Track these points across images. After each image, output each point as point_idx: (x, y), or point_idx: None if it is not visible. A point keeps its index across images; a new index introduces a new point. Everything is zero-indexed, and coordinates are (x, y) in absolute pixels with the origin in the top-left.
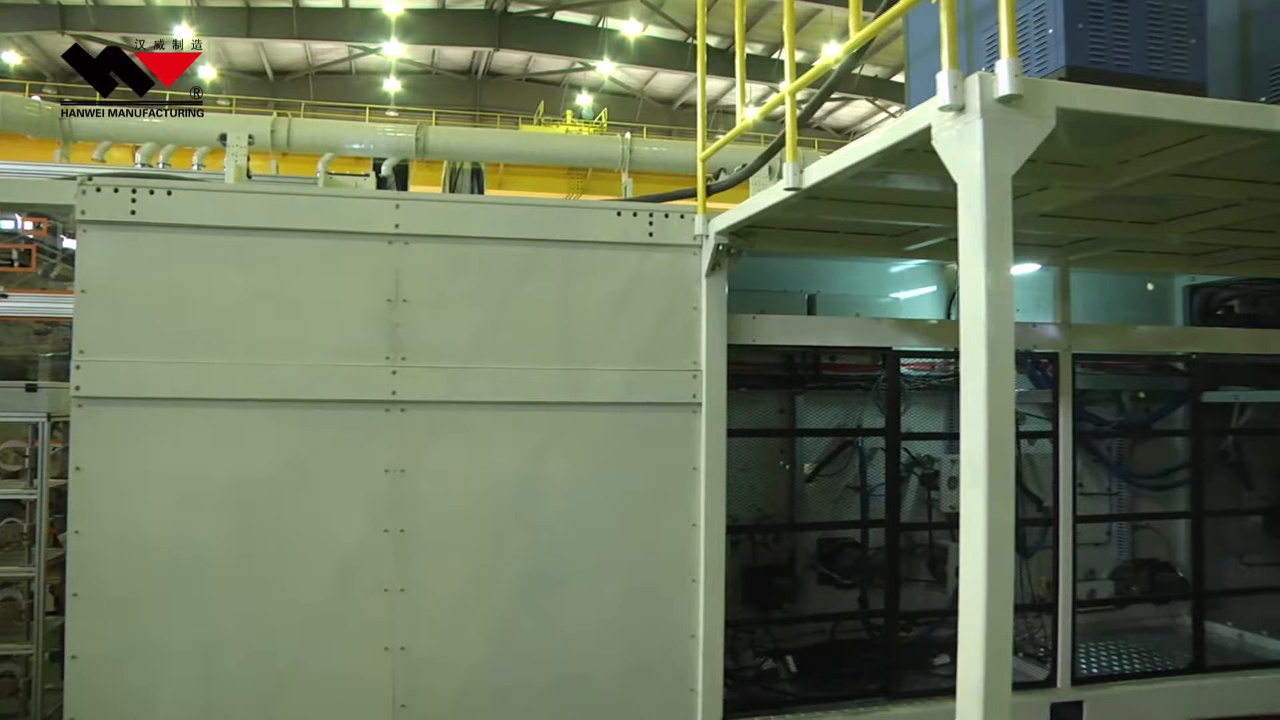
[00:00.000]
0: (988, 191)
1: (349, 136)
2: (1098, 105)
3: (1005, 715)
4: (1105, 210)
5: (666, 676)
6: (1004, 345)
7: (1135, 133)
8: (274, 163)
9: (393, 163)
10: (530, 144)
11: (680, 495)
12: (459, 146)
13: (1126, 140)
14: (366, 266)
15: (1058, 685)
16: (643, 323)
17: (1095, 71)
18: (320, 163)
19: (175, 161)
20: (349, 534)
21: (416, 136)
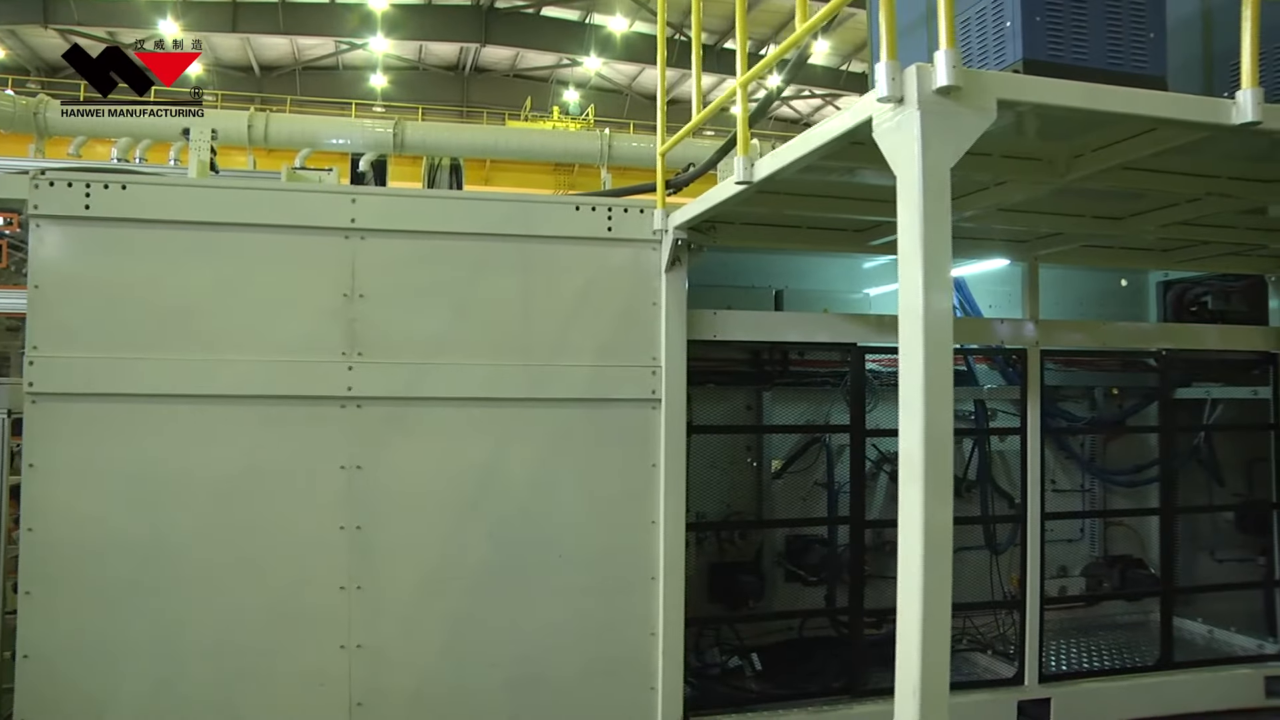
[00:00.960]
0: (925, 184)
1: (327, 132)
2: (1039, 97)
3: (943, 715)
4: (1069, 205)
5: (626, 674)
6: (941, 340)
7: (1088, 127)
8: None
9: (371, 158)
10: (508, 139)
11: (640, 492)
12: (437, 142)
13: (1080, 135)
14: (323, 261)
15: (1025, 683)
16: (602, 318)
17: (1053, 65)
18: (298, 158)
19: (152, 156)
20: (305, 531)
21: (394, 132)
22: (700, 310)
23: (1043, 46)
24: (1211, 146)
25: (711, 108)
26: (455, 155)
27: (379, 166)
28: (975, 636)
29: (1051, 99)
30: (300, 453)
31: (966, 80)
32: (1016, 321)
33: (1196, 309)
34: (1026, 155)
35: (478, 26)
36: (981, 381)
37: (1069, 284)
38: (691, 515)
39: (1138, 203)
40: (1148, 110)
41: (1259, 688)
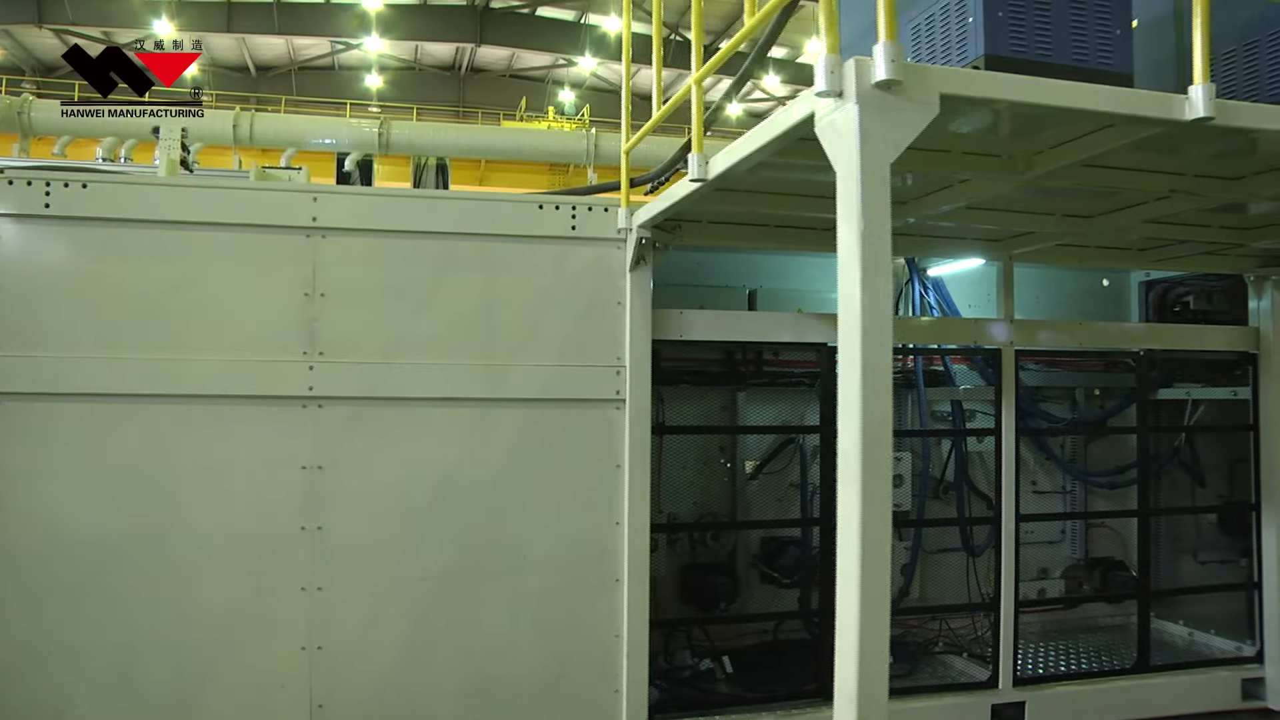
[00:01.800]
0: (863, 179)
1: (313, 131)
2: (983, 91)
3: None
4: (1038, 203)
5: (590, 677)
6: (880, 338)
7: (1045, 123)
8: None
9: (356, 158)
10: (491, 139)
11: (604, 493)
12: (422, 142)
13: (1038, 131)
14: (284, 260)
15: (999, 686)
16: (566, 318)
17: (1015, 61)
18: (283, 157)
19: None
20: (265, 531)
21: (379, 131)
22: (665, 310)
23: (1005, 42)
24: (1173, 143)
25: (670, 105)
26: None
27: (365, 166)
28: (952, 639)
29: (997, 93)
30: (261, 453)
31: (908, 74)
32: (991, 321)
33: (1179, 309)
34: (987, 152)
35: (473, 27)
36: (960, 382)
37: (1051, 284)
38: (664, 516)
39: (1107, 201)
40: (1097, 105)
41: (1235, 690)
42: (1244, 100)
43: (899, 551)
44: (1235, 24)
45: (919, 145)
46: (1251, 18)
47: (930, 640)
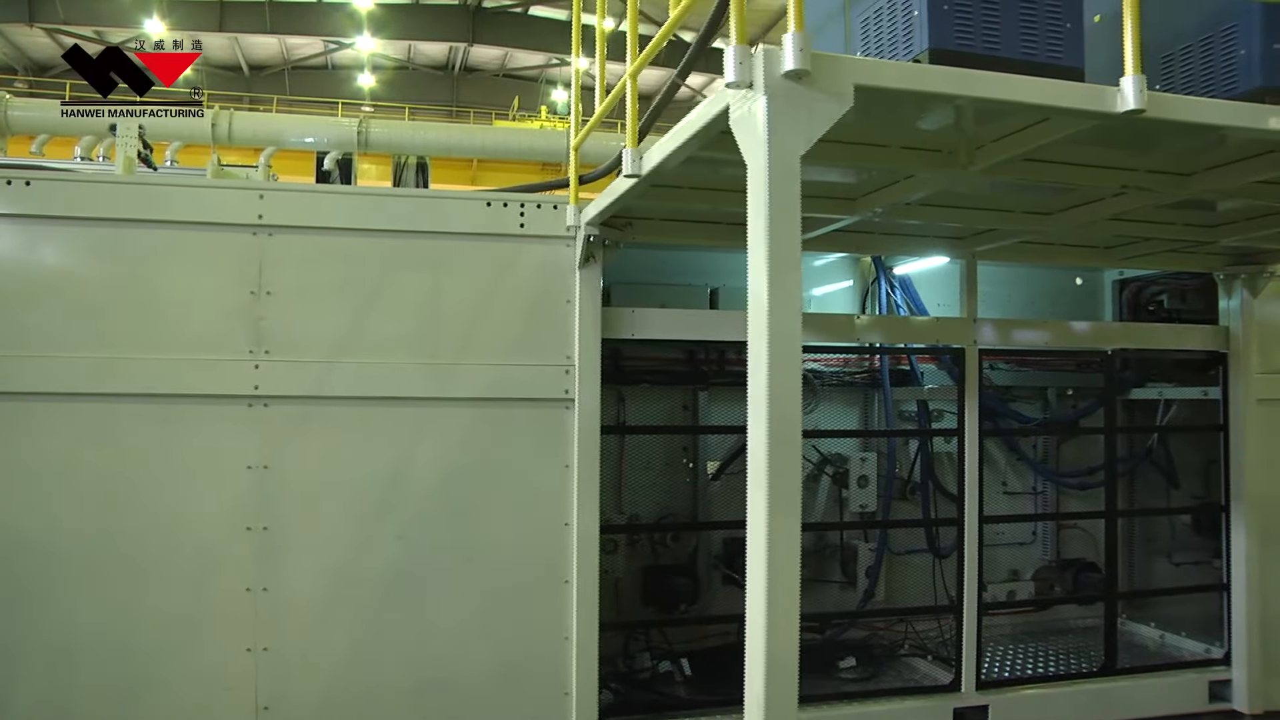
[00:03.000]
0: (771, 172)
1: (291, 130)
2: (901, 83)
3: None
4: (996, 200)
5: (539, 679)
6: (788, 335)
7: (986, 117)
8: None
9: (335, 156)
10: (473, 138)
11: (552, 494)
12: (401, 141)
13: (976, 125)
14: (229, 258)
15: (962, 689)
16: (514, 316)
17: (962, 55)
18: (262, 156)
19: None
20: (210, 531)
21: (358, 130)
22: (617, 308)
23: (951, 36)
24: (1116, 137)
25: (610, 99)
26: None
27: (344, 165)
28: (918, 642)
29: (915, 84)
30: (206, 452)
31: (818, 64)
32: (954, 320)
33: (1154, 308)
34: (926, 146)
35: (465, 26)
36: (929, 382)
37: (1023, 283)
38: (625, 517)
39: (1065, 197)
40: (1022, 97)
41: (1203, 692)
42: (1202, 95)
43: (863, 552)
44: (1193, 20)
45: (855, 140)
46: (1208, 13)
47: (896, 643)
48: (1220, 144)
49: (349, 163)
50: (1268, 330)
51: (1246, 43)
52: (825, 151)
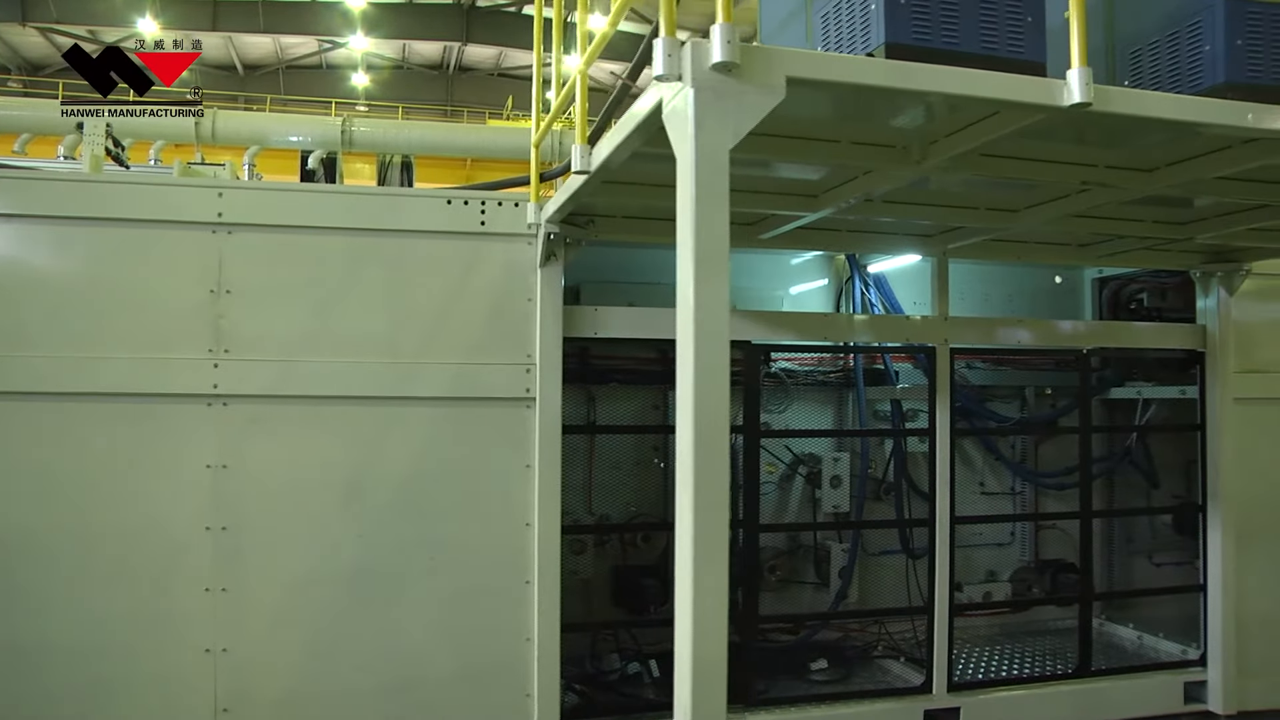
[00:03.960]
0: (699, 165)
1: (275, 129)
2: (835, 75)
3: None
4: (962, 197)
5: (501, 680)
6: (715, 334)
7: (942, 111)
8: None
9: (320, 155)
10: (458, 137)
11: (514, 494)
12: (385, 140)
13: (932, 121)
14: (189, 257)
15: (933, 691)
16: (475, 315)
17: (919, 49)
18: (246, 155)
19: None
20: (170, 531)
21: (342, 129)
22: (579, 307)
23: (908, 30)
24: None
25: (564, 94)
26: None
27: (329, 164)
28: (891, 643)
29: (850, 77)
30: (165, 452)
31: (748, 56)
32: (925, 319)
33: (1135, 306)
34: (879, 142)
35: (459, 25)
36: (904, 381)
37: (1000, 281)
38: (595, 517)
39: (1032, 194)
40: (961, 89)
41: (1178, 694)
42: (1169, 91)
43: (836, 553)
44: (1160, 15)
45: (804, 134)
46: (1174, 9)
47: (870, 644)
48: (1181, 139)
49: (333, 162)
50: (1245, 329)
51: (1210, 38)
52: (772, 146)
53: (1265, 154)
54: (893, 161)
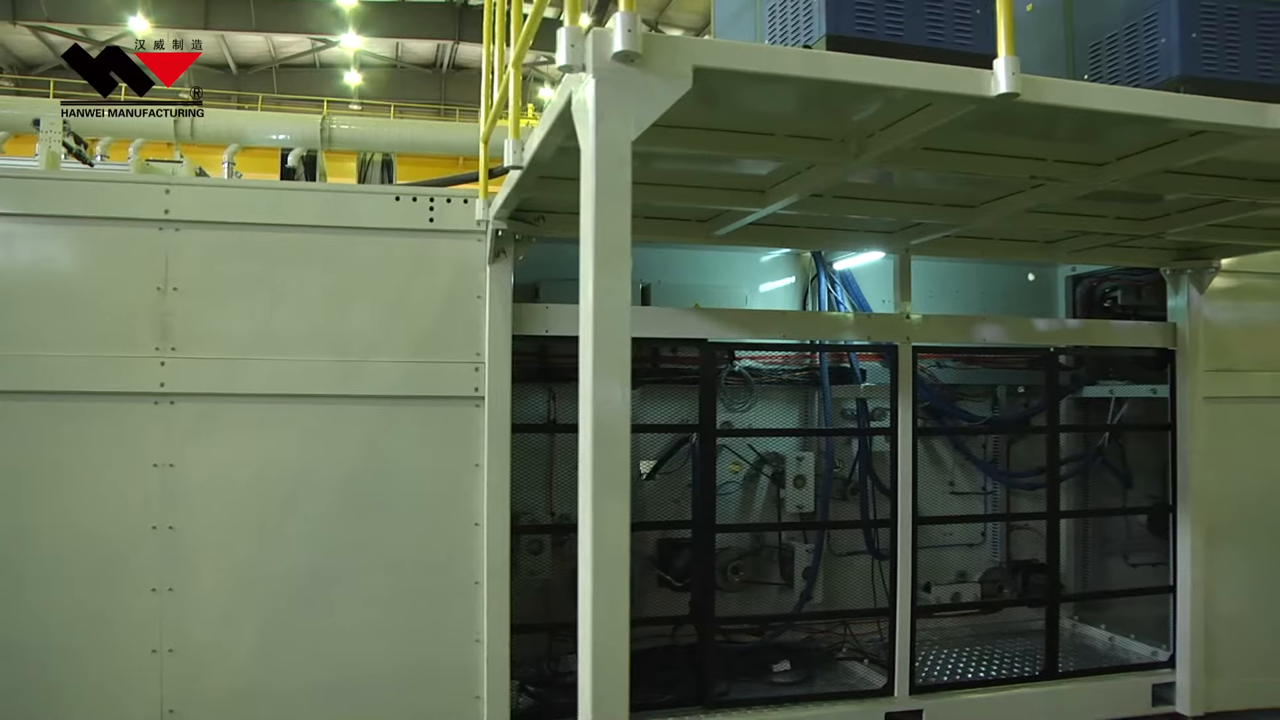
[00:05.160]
0: (599, 157)
1: (254, 127)
2: (745, 65)
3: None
4: (917, 193)
5: (450, 682)
6: (615, 330)
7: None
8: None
9: (300, 153)
10: (436, 135)
11: (462, 493)
12: (365, 138)
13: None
14: (136, 253)
15: (894, 694)
16: (424, 312)
17: (863, 41)
18: (225, 153)
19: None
20: (115, 531)
21: (322, 127)
22: (530, 304)
23: (850, 22)
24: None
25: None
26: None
27: (309, 162)
28: (855, 645)
29: (759, 66)
30: (111, 450)
31: (652, 46)
32: (886, 316)
33: (1109, 304)
34: (815, 135)
35: (453, 23)
36: (872, 379)
37: (973, 279)
38: (555, 517)
39: (988, 189)
40: (875, 79)
41: (1146, 696)
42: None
43: (800, 554)
44: (1119, 9)
45: (731, 127)
46: (1132, 2)
47: (835, 646)
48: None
49: (314, 160)
50: (1215, 327)
51: (1166, 31)
52: (699, 139)
53: (1211, 146)
54: (830, 155)
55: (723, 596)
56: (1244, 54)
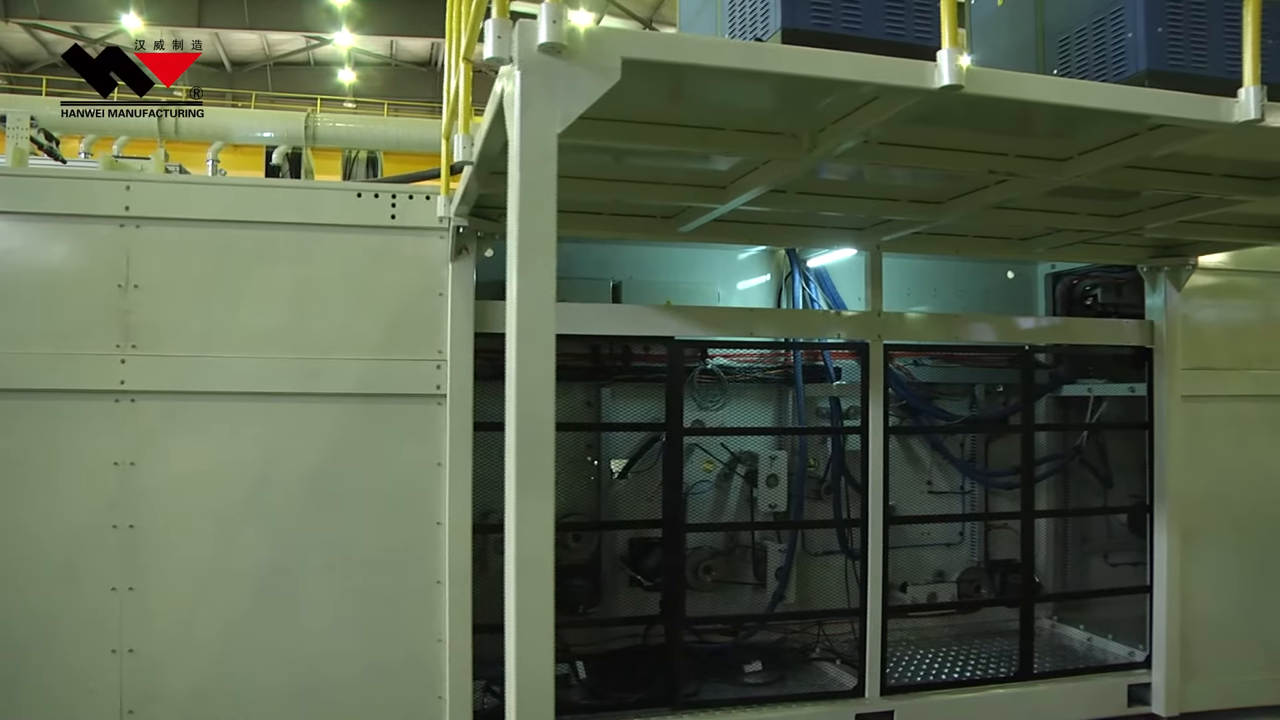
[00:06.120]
0: (523, 151)
1: (238, 125)
2: (673, 56)
3: None
4: (882, 189)
5: (412, 682)
6: (539, 328)
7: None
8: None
9: (284, 150)
10: (422, 132)
11: (424, 492)
12: (349, 135)
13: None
14: (97, 250)
15: (865, 695)
16: (385, 310)
17: (820, 35)
18: (209, 151)
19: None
20: (75, 529)
21: (305, 124)
22: (493, 302)
23: (806, 15)
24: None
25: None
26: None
27: (294, 160)
28: (828, 645)
29: (690, 58)
30: (71, 449)
31: (578, 38)
32: (857, 314)
33: (1090, 302)
34: (765, 129)
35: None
36: (847, 377)
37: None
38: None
39: (955, 185)
40: (812, 71)
41: (1122, 696)
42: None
43: (772, 553)
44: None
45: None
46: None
47: (809, 646)
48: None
49: (299, 157)
50: (1193, 325)
51: (1133, 25)
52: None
53: (1172, 140)
54: (783, 149)
55: (695, 596)
56: (1211, 49)
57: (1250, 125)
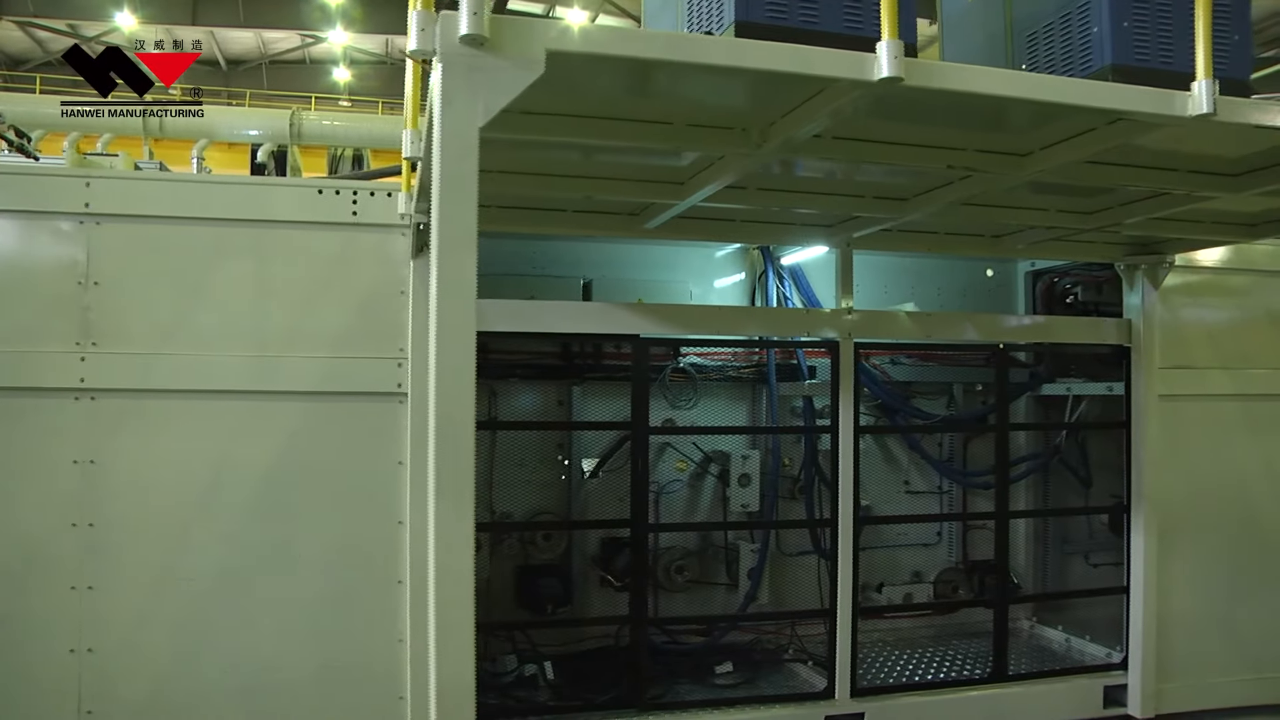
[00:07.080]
0: (444, 144)
1: (223, 123)
2: (599, 48)
3: None
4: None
5: (372, 682)
6: (458, 328)
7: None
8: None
9: (270, 148)
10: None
11: (385, 491)
12: (334, 133)
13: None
14: (56, 247)
15: (835, 697)
16: (345, 307)
17: (775, 28)
18: (194, 149)
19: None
20: (34, 528)
21: (291, 122)
22: None
23: (761, 9)
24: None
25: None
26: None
27: (280, 157)
28: (801, 646)
29: (616, 50)
30: (30, 447)
31: (501, 29)
32: (826, 311)
33: (1071, 300)
34: (716, 124)
35: None
36: (822, 376)
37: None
38: (495, 516)
39: (920, 181)
40: (744, 63)
41: (1098, 698)
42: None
43: (744, 553)
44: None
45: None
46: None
47: (781, 647)
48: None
49: (284, 155)
50: (1170, 324)
51: (1098, 20)
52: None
53: (1129, 134)
54: (733, 144)
55: (667, 597)
56: (1177, 43)
57: (1204, 120)
